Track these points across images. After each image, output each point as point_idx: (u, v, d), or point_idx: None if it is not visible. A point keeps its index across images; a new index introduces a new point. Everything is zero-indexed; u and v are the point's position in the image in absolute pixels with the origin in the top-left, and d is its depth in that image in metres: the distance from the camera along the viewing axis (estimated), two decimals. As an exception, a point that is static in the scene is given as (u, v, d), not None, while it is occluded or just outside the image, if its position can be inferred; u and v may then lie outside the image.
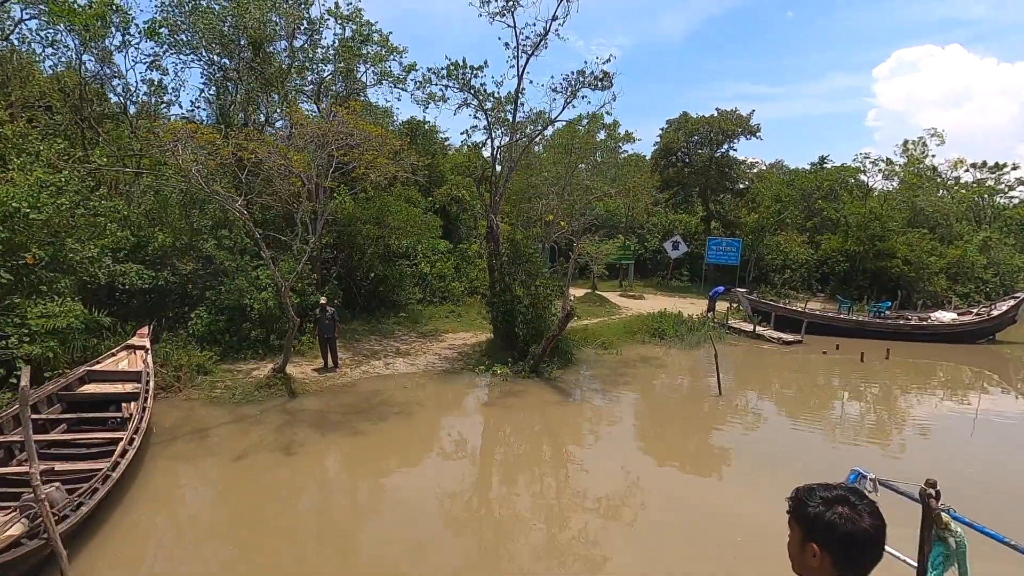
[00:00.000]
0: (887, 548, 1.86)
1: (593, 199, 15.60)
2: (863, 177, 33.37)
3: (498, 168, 14.89)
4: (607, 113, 18.16)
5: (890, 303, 22.99)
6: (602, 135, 19.23)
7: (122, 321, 12.15)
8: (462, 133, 37.07)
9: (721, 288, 22.88)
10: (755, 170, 39.39)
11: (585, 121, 18.39)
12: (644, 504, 7.49)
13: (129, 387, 9.33)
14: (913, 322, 20.75)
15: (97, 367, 9.63)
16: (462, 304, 20.75)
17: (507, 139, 14.13)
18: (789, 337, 18.73)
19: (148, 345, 10.58)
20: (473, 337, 16.58)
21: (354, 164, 11.09)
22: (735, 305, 22.58)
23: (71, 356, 10.13)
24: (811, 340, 18.72)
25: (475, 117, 14.67)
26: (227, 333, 13.07)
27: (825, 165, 35.89)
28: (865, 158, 32.34)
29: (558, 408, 11.30)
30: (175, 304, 13.72)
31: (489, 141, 14.42)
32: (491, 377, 12.92)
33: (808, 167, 36.75)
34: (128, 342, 10.68)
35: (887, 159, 31.90)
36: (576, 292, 25.75)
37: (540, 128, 13.73)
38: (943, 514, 2.33)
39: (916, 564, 2.49)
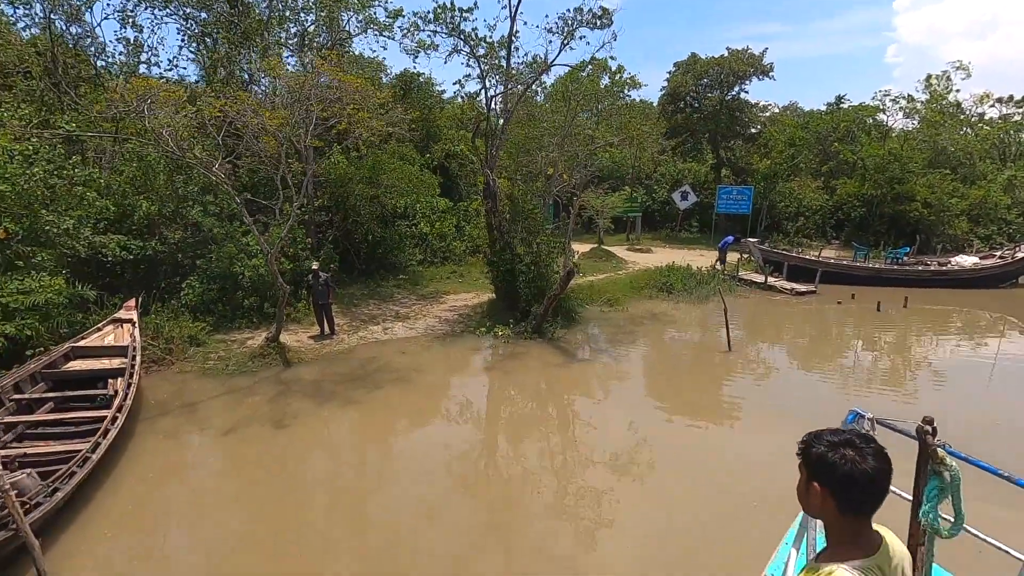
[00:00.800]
0: None
1: (596, 149, 14.73)
2: (882, 116, 31.72)
3: (495, 120, 14.06)
4: (611, 58, 17.11)
5: (908, 248, 22.13)
6: (606, 81, 18.16)
7: (113, 294, 11.84)
8: (455, 83, 35.43)
9: (731, 238, 22.14)
10: (767, 114, 37.70)
11: (588, 68, 17.32)
12: (652, 461, 7.29)
13: (116, 362, 9.05)
14: (932, 268, 19.99)
15: (82, 343, 9.33)
16: (464, 264, 20.25)
17: (502, 88, 13.24)
18: (802, 287, 18.11)
19: (135, 318, 10.26)
20: (475, 298, 16.15)
21: (336, 119, 10.33)
22: (746, 256, 21.85)
23: (56, 333, 9.83)
24: (825, 290, 18.09)
25: (467, 65, 13.75)
26: (220, 302, 12.73)
27: (842, 105, 34.15)
28: (885, 96, 30.63)
29: (562, 369, 10.93)
30: (167, 274, 13.35)
31: (483, 91, 13.55)
32: (492, 339, 12.54)
33: (824, 108, 35.02)
34: (114, 316, 10.35)
35: (908, 96, 30.19)
36: (582, 248, 25.12)
37: (536, 74, 12.79)
38: (939, 450, 2.41)
39: (912, 498, 2.63)
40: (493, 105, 13.82)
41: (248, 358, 10.86)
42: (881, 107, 31.00)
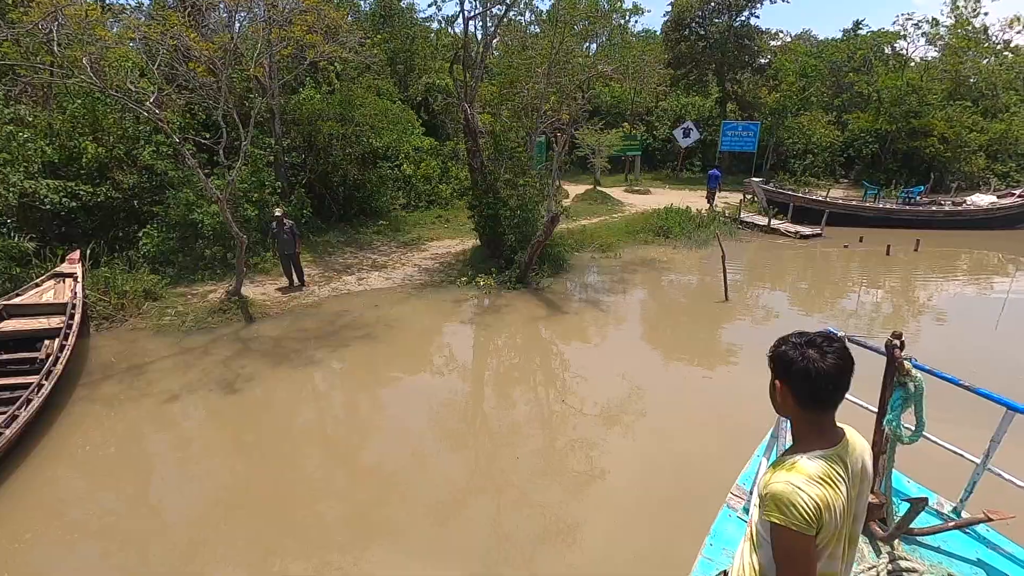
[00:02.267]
0: (851, 397, 2.72)
1: (588, 79, 13.33)
2: (903, 44, 29.47)
3: (474, 46, 12.59)
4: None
5: (923, 188, 20.87)
6: (605, 7, 16.46)
7: (68, 245, 10.95)
8: (430, 5, 32.59)
9: (716, 172, 20.72)
10: (778, 42, 35.17)
11: None
12: (643, 409, 6.92)
13: (55, 321, 8.26)
14: (947, 208, 18.84)
15: (16, 300, 8.51)
16: (450, 208, 19.13)
17: (480, 7, 11.74)
18: (807, 230, 17.08)
19: (79, 272, 9.41)
20: (459, 245, 15.22)
21: (282, 44, 9.03)
22: (749, 196, 20.67)
23: (-11, 289, 9.01)
24: (832, 232, 17.08)
25: (443, -18, 12.14)
26: (180, 253, 11.85)
27: (859, 32, 31.73)
28: (907, 20, 28.31)
29: (546, 322, 10.16)
30: (124, 223, 12.40)
31: (461, 12, 12.01)
32: (474, 290, 11.71)
33: (840, 35, 32.59)
34: (56, 269, 9.50)
35: (932, 19, 27.86)
36: (576, 189, 23.90)
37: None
38: (905, 362, 2.48)
39: (877, 410, 2.80)
40: (472, 28, 12.34)
41: (207, 313, 10.08)
42: (903, 32, 28.73)
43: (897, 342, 2.54)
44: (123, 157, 12.29)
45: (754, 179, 21.14)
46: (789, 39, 39.20)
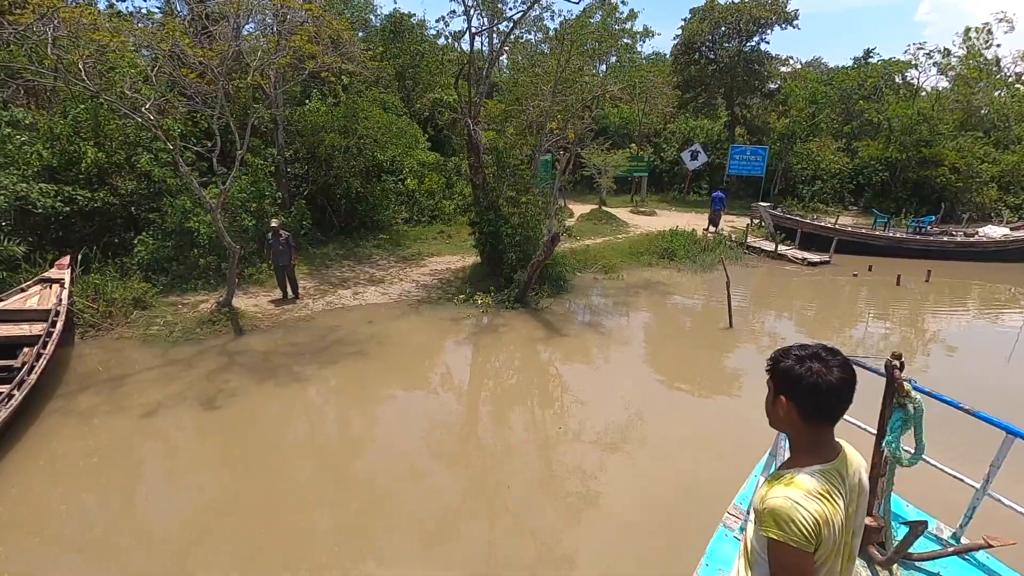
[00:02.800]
0: (849, 418, 2.72)
1: (594, 98, 13.18)
2: (913, 72, 29.36)
3: (480, 62, 12.49)
4: (622, 2, 15.32)
5: (933, 218, 20.54)
6: (615, 27, 16.40)
7: (63, 250, 10.79)
8: (437, 21, 32.73)
9: (720, 194, 20.50)
10: (788, 68, 35.16)
11: (599, 14, 15.58)
12: (643, 437, 6.32)
13: (37, 328, 8.03)
14: (959, 238, 18.47)
15: (0, 305, 8.32)
16: (453, 224, 18.93)
17: (487, 23, 11.63)
18: (815, 257, 16.76)
19: (67, 278, 9.21)
20: (460, 261, 14.99)
21: (280, 53, 8.91)
22: (756, 221, 20.40)
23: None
24: (841, 260, 16.75)
25: (451, -1, 12.08)
26: (175, 261, 11.67)
27: (870, 60, 31.69)
28: (919, 49, 28.19)
29: (541, 345, 9.84)
30: (121, 229, 12.27)
31: (467, 29, 11.93)
32: (470, 308, 11.44)
33: (851, 63, 32.57)
34: (43, 275, 9.30)
35: (944, 49, 27.75)
36: (582, 208, 23.72)
37: (527, 5, 11.07)
38: (905, 383, 2.46)
39: (876, 431, 2.75)
40: (479, 44, 12.25)
41: (197, 324, 9.84)
42: (914, 62, 28.63)
43: (897, 363, 2.50)
44: (123, 163, 12.19)
45: (761, 203, 20.89)
46: (799, 65, 39.31)
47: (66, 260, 9.67)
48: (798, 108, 28.49)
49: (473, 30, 11.42)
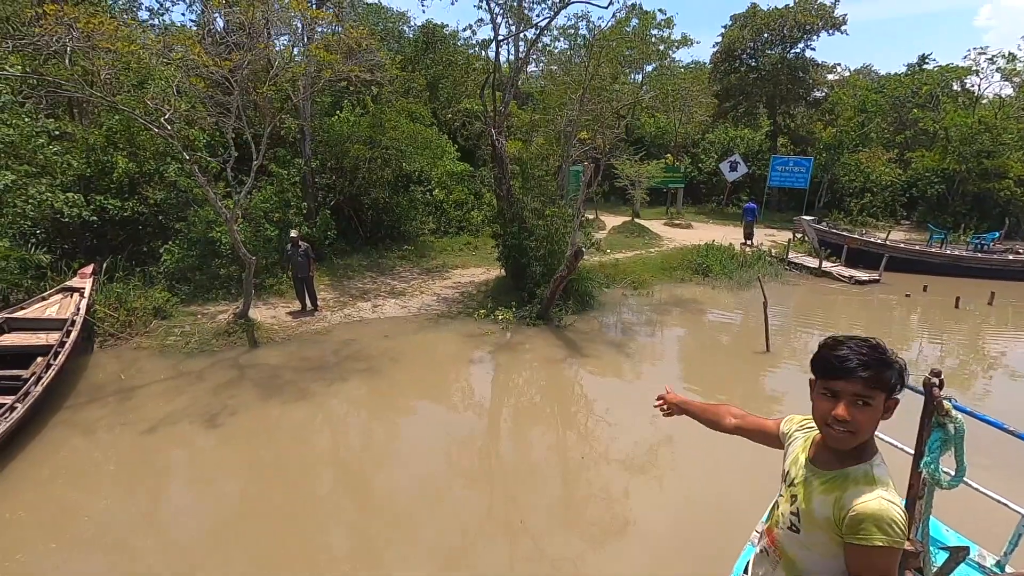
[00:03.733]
0: (886, 437, 2.87)
1: (629, 107, 12.67)
2: (974, 79, 27.59)
3: (507, 71, 12.17)
4: (660, 11, 14.81)
5: (997, 234, 19.02)
6: (655, 34, 15.92)
7: (94, 257, 11.03)
8: (464, 29, 32.64)
9: (753, 205, 19.66)
10: (835, 76, 33.69)
11: (635, 22, 15.12)
12: (664, 466, 5.65)
13: (54, 337, 8.06)
14: (1025, 257, 16.98)
15: (19, 314, 8.39)
16: (481, 235, 18.62)
17: (514, 30, 11.30)
18: (863, 275, 15.65)
19: (88, 287, 9.27)
20: (484, 274, 14.63)
21: (290, 63, 8.77)
22: (799, 236, 19.34)
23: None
24: (892, 279, 15.59)
25: (478, 7, 11.83)
26: (198, 270, 11.71)
27: (926, 66, 30.00)
28: (980, 54, 26.47)
29: (562, 365, 9.33)
30: (151, 237, 12.45)
31: (495, 37, 11.64)
32: (491, 324, 11.03)
33: (904, 69, 30.92)
34: (66, 283, 9.41)
35: (1009, 54, 25.96)
36: (614, 220, 23.09)
37: (553, 11, 10.70)
38: (945, 402, 2.35)
39: (913, 451, 2.62)
40: (507, 53, 11.93)
41: (213, 335, 9.77)
42: (975, 67, 26.90)
43: (936, 380, 2.40)
44: (153, 173, 12.38)
45: (804, 217, 19.79)
46: (848, 73, 37.68)
47: (89, 269, 9.76)
48: (846, 117, 27.14)
49: (500, 38, 11.12)
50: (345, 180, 15.01)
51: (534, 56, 12.27)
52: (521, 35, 11.34)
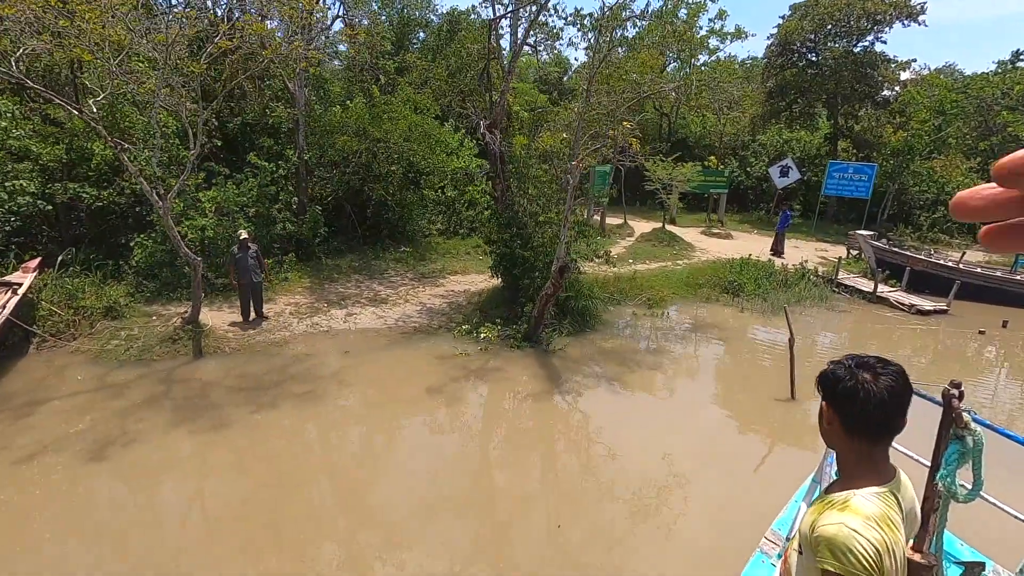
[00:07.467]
0: (902, 448, 2.69)
1: (638, 98, 11.01)
2: (1078, 79, 23.98)
3: (505, 55, 10.79)
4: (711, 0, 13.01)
5: (1100, 260, 16.05)
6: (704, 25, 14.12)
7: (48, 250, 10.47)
8: (465, 13, 31.10)
9: (788, 213, 17.77)
10: (908, 73, 30.27)
11: (683, 11, 13.41)
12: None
13: (-30, 338, 7.36)
14: None
15: (-57, 311, 7.73)
16: (492, 238, 17.35)
17: (511, 6, 9.89)
18: (927, 304, 13.30)
19: (26, 283, 8.56)
20: (484, 281, 13.28)
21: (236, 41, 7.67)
22: (853, 253, 17.00)
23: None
24: (963, 309, 13.21)
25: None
26: (167, 267, 10.96)
27: (1019, 64, 26.43)
28: (1086, 50, 22.90)
29: (533, 405, 7.84)
30: (129, 229, 11.84)
31: (492, 17, 10.25)
32: (471, 342, 9.71)
33: (995, 67, 27.37)
34: (5, 278, 8.73)
35: (1124, 50, 22.28)
36: (645, 227, 21.29)
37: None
38: (964, 414, 2.22)
39: (930, 464, 2.48)
40: (503, 32, 10.53)
41: (158, 341, 8.90)
42: (1079, 65, 23.33)
43: (955, 391, 2.22)
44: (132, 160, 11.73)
45: (861, 232, 17.39)
46: (926, 72, 33.98)
47: (34, 263, 9.10)
48: (920, 119, 24.14)
49: (497, 15, 9.74)
50: (341, 174, 14.01)
51: (541, 39, 10.76)
52: (521, 9, 9.89)
